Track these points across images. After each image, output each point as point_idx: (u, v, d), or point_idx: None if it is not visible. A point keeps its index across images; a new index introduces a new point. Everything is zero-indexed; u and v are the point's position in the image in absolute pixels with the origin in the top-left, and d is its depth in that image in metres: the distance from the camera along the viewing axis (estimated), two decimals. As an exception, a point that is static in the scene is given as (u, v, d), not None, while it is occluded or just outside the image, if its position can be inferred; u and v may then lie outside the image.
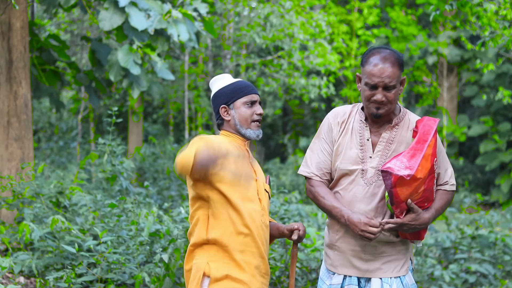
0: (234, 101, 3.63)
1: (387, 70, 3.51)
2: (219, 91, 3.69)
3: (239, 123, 3.63)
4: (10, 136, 7.47)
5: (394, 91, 3.54)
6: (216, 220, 3.53)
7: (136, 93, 8.47)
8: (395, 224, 3.51)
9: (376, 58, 3.54)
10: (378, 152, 3.62)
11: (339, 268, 3.72)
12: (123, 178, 7.35)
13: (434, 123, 3.54)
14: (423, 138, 3.49)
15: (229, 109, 3.64)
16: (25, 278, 6.09)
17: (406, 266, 3.69)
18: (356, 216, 3.54)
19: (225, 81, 3.71)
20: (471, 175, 21.21)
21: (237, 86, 3.66)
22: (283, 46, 16.34)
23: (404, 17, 19.84)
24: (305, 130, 24.45)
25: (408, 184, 3.42)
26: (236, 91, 3.64)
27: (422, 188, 3.48)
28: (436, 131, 3.52)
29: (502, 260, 7.96)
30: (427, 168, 3.45)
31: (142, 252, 5.73)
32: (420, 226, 3.54)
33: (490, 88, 21.00)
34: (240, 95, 3.63)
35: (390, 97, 3.54)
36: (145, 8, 7.91)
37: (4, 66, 7.46)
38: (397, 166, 3.43)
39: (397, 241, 3.66)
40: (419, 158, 3.43)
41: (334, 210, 3.64)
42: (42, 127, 21.34)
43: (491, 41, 8.17)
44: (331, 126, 3.74)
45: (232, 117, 3.64)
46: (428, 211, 3.56)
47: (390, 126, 3.63)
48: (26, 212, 6.31)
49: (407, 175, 3.39)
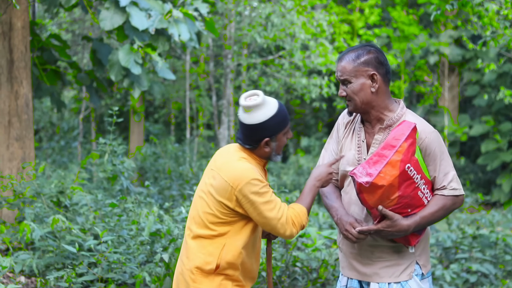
0: (277, 133, 3.51)
1: (341, 65, 3.55)
2: (265, 123, 3.48)
3: (275, 153, 3.56)
4: (11, 136, 7.47)
5: (350, 86, 3.52)
6: (229, 252, 3.50)
7: (137, 93, 8.47)
8: (368, 230, 3.45)
9: (337, 62, 3.61)
10: (372, 154, 3.56)
11: (344, 269, 3.72)
12: (124, 178, 7.35)
13: (408, 128, 3.41)
14: (391, 144, 3.38)
15: (271, 141, 3.52)
16: (26, 278, 6.09)
17: (409, 271, 3.57)
18: (344, 218, 3.53)
19: (269, 110, 3.48)
20: (473, 175, 21.20)
21: (282, 117, 3.49)
22: (284, 45, 16.35)
23: (406, 16, 19.83)
24: (307, 130, 24.44)
25: (371, 191, 3.34)
26: (281, 123, 3.50)
27: (395, 195, 3.37)
28: (410, 136, 3.39)
29: (503, 260, 7.96)
30: (393, 176, 3.33)
31: (143, 252, 5.73)
32: (398, 233, 3.44)
33: (492, 88, 21.01)
34: (282, 127, 3.51)
35: (348, 91, 3.53)
36: (146, 8, 7.92)
37: (5, 66, 7.47)
38: (359, 172, 3.36)
39: (391, 246, 3.58)
40: (382, 165, 3.33)
41: (331, 209, 3.64)
42: (43, 126, 21.35)
43: (493, 40, 8.17)
44: (338, 126, 3.75)
45: (271, 148, 3.53)
46: (410, 218, 3.45)
47: (382, 128, 3.56)
48: (27, 212, 6.31)
49: (366, 182, 3.32)
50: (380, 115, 3.57)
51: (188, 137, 18.65)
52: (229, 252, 3.46)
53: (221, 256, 3.46)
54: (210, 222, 3.47)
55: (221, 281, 3.48)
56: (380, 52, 3.57)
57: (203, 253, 3.48)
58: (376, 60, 3.52)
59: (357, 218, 3.53)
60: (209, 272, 3.47)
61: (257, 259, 3.63)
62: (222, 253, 3.46)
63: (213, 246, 3.47)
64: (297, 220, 3.47)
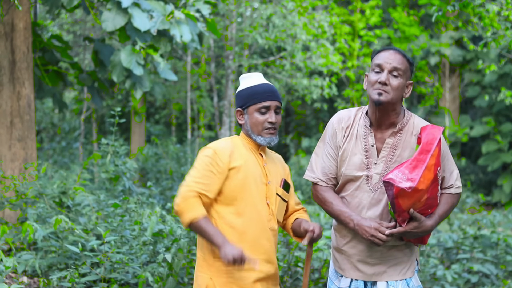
0: (248, 106, 3.58)
1: (397, 56, 3.55)
2: (238, 92, 3.65)
3: (250, 129, 3.59)
4: (13, 137, 7.48)
5: (399, 80, 3.52)
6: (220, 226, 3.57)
7: (139, 94, 8.48)
8: (398, 233, 3.50)
9: (387, 50, 3.59)
10: (383, 158, 3.59)
11: (347, 271, 3.73)
12: (126, 178, 7.37)
13: (438, 132, 3.49)
14: (426, 148, 3.44)
15: (243, 113, 3.61)
16: (29, 278, 6.11)
17: (412, 268, 3.69)
18: (366, 221, 3.54)
19: (247, 83, 3.63)
20: (473, 176, 21.20)
21: (253, 91, 3.58)
22: (286, 46, 16.36)
23: (406, 17, 19.84)
24: (308, 131, 24.45)
25: (410, 196, 3.38)
26: (250, 96, 3.58)
27: (425, 197, 3.45)
28: (440, 140, 3.48)
29: (504, 260, 7.97)
30: (429, 179, 3.41)
31: (145, 252, 5.74)
32: (422, 233, 3.53)
33: (492, 89, 21.01)
34: (253, 101, 3.57)
35: (394, 83, 3.51)
36: (148, 9, 7.93)
37: (7, 67, 7.48)
38: (398, 177, 3.39)
39: (403, 244, 3.65)
40: (422, 170, 3.38)
41: (342, 214, 3.61)
42: (45, 127, 21.36)
43: (493, 41, 8.18)
44: (335, 131, 3.71)
45: (245, 122, 3.61)
46: (432, 217, 3.54)
47: (394, 132, 3.59)
48: (30, 212, 6.32)
49: (409, 187, 3.35)
50: (394, 119, 3.61)
51: (189, 138, 18.66)
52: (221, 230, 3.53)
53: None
54: None
55: (220, 267, 3.53)
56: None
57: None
58: (412, 71, 3.62)
59: (379, 221, 3.55)
60: (206, 255, 3.57)
61: (269, 238, 3.60)
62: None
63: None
64: (188, 206, 3.44)
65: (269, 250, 3.61)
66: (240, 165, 3.53)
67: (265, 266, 3.58)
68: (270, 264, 3.62)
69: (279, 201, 3.66)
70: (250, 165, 3.56)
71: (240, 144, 3.62)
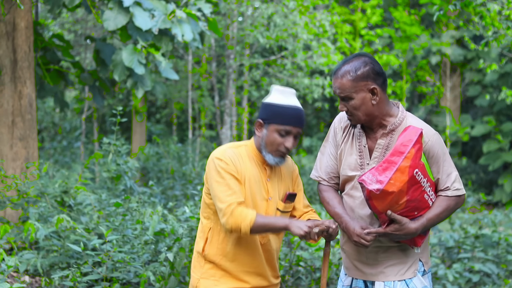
0: (270, 123, 3.52)
1: (338, 81, 3.53)
2: (266, 104, 3.55)
3: (264, 144, 3.54)
4: (15, 136, 7.49)
5: (351, 102, 3.51)
6: (214, 237, 3.57)
7: (141, 93, 8.48)
8: (377, 233, 3.48)
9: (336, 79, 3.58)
10: (375, 158, 3.58)
11: (348, 270, 3.75)
12: (128, 178, 7.37)
13: (415, 134, 3.43)
14: (399, 150, 3.40)
15: (263, 126, 3.55)
16: (30, 277, 6.11)
17: (413, 269, 3.64)
18: (352, 225, 3.53)
19: (279, 98, 3.54)
20: (474, 175, 21.21)
21: (282, 111, 3.50)
22: (287, 46, 16.36)
23: (407, 17, 19.84)
24: (308, 130, 24.47)
25: (381, 198, 3.35)
26: (277, 114, 3.50)
27: (404, 199, 3.40)
28: (417, 142, 3.42)
29: (505, 259, 7.98)
30: (403, 181, 3.36)
31: (147, 251, 5.75)
32: (406, 236, 3.48)
33: (493, 88, 21.02)
34: (278, 121, 3.50)
35: (350, 107, 3.52)
36: (150, 8, 7.93)
37: (9, 66, 7.49)
38: (369, 179, 3.37)
39: (402, 245, 3.63)
40: (392, 172, 3.35)
41: (335, 216, 3.64)
42: (46, 127, 21.38)
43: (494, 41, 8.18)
44: (336, 130, 3.74)
45: (261, 136, 3.55)
46: (417, 220, 3.49)
47: (385, 133, 3.58)
48: (31, 212, 6.32)
49: (377, 190, 3.33)
50: (382, 122, 3.59)
51: (190, 137, 18.67)
52: (214, 236, 3.55)
53: (208, 239, 3.56)
54: (202, 204, 3.63)
55: (208, 270, 3.56)
56: (375, 62, 3.55)
57: (199, 236, 3.64)
58: (373, 72, 3.51)
59: (363, 225, 3.53)
60: (200, 255, 3.59)
61: (259, 253, 3.59)
62: (208, 235, 3.57)
63: (203, 229, 3.60)
64: (239, 217, 3.39)
65: (259, 264, 3.60)
66: (241, 179, 3.51)
67: (253, 278, 3.59)
68: (260, 277, 3.61)
69: (279, 215, 3.65)
70: (252, 180, 3.54)
71: (245, 155, 3.59)
